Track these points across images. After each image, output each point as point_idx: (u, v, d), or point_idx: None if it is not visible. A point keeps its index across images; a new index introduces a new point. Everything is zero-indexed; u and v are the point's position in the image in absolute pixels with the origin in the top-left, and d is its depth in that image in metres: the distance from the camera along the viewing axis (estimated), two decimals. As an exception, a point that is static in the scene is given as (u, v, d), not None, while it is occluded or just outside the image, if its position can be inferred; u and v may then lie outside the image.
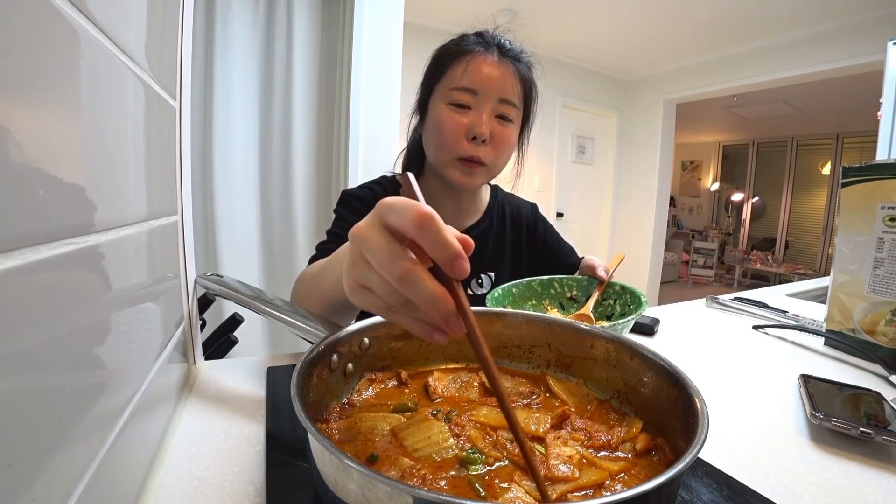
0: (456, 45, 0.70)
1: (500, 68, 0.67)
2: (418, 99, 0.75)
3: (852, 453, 0.43)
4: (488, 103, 0.67)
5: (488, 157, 0.69)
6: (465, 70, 0.66)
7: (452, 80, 0.67)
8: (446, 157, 0.69)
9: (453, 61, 0.68)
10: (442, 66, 0.69)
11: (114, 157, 0.28)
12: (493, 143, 0.69)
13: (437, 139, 0.69)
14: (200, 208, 1.80)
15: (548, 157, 4.04)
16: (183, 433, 0.41)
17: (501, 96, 0.67)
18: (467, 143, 0.68)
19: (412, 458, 0.31)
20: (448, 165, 0.70)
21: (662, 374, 0.36)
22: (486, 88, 0.66)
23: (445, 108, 0.68)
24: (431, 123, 0.70)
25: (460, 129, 0.67)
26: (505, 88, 0.67)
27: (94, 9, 0.24)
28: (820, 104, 4.92)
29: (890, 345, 0.67)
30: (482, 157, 0.68)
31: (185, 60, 0.49)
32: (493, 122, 0.68)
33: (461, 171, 0.70)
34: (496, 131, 0.68)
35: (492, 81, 0.66)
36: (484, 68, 0.66)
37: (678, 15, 3.03)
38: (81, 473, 0.22)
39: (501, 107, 0.68)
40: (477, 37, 0.70)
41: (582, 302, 0.75)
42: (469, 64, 0.66)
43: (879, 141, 1.98)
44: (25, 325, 0.17)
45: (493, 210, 0.86)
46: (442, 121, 0.68)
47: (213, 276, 0.54)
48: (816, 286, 1.39)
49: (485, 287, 0.81)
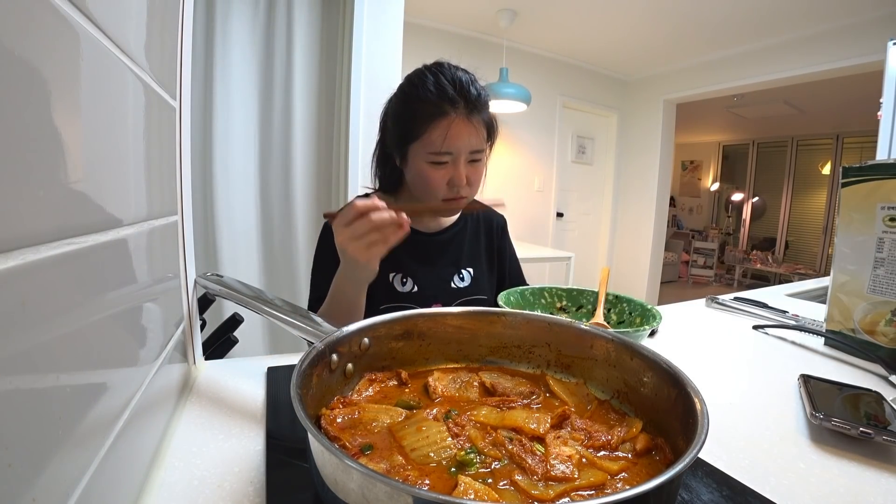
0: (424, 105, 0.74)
1: (469, 126, 0.74)
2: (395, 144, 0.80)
3: (852, 453, 0.43)
4: (462, 158, 0.75)
5: (467, 192, 0.79)
6: (443, 137, 0.73)
7: (429, 145, 0.74)
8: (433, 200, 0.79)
9: (428, 125, 0.73)
10: (416, 128, 0.75)
11: (114, 157, 0.28)
12: (470, 182, 0.78)
13: (423, 189, 0.78)
14: (200, 208, 1.80)
15: (548, 157, 4.04)
16: (183, 433, 0.41)
17: (473, 148, 0.76)
18: (448, 190, 0.76)
19: (408, 458, 0.31)
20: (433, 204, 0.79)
21: (662, 374, 0.36)
22: (462, 149, 0.74)
23: (426, 165, 0.75)
24: (414, 175, 0.78)
25: (442, 181, 0.76)
26: (475, 140, 0.75)
27: (94, 9, 0.24)
28: (820, 104, 4.92)
29: (890, 345, 0.67)
30: (462, 193, 0.78)
31: (185, 60, 0.49)
32: (467, 168, 0.76)
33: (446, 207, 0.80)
34: (471, 174, 0.77)
35: (464, 141, 0.74)
36: (456, 131, 0.73)
37: (678, 15, 3.03)
38: (81, 473, 0.22)
39: (472, 155, 0.77)
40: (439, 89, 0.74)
41: (571, 311, 0.76)
42: (447, 131, 0.73)
43: (879, 141, 1.98)
44: (25, 325, 0.17)
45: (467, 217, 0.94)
46: (425, 177, 0.76)
47: (213, 276, 0.54)
48: (816, 286, 1.39)
49: (465, 281, 0.87)
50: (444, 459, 0.31)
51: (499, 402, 0.40)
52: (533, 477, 0.30)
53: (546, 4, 2.98)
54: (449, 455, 0.32)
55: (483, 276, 0.89)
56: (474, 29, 3.35)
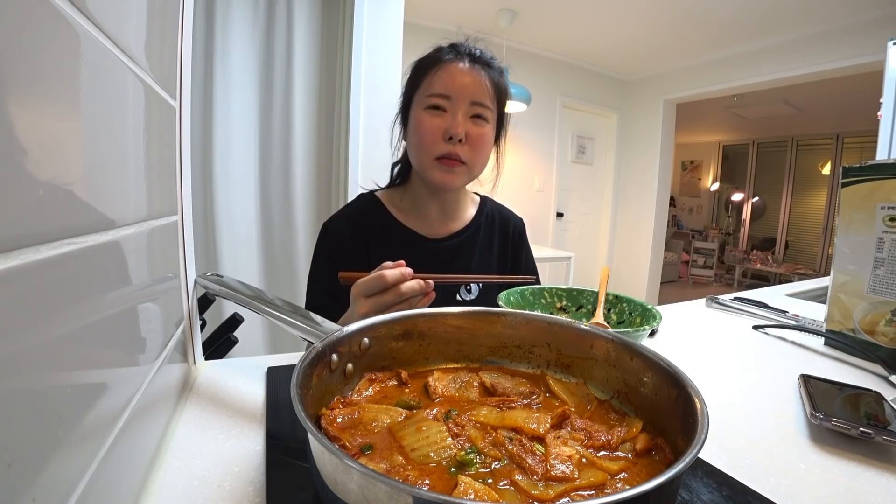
0: (430, 57, 0.75)
1: (472, 73, 0.72)
2: (400, 108, 0.80)
3: (852, 453, 0.43)
4: (461, 105, 0.72)
5: (466, 155, 0.73)
6: (442, 78, 0.71)
7: (428, 87, 0.72)
8: (426, 158, 0.74)
9: (428, 70, 0.73)
10: (418, 77, 0.75)
11: (114, 158, 0.28)
12: (470, 142, 0.73)
13: (417, 141, 0.74)
14: (200, 208, 1.80)
15: (548, 157, 4.04)
16: (183, 433, 0.41)
17: (473, 98, 0.72)
18: (444, 142, 0.72)
19: (408, 458, 0.31)
20: (429, 167, 0.75)
21: (662, 374, 0.36)
22: (459, 92, 0.71)
23: (423, 112, 0.73)
24: (411, 128, 0.75)
25: (437, 130, 0.72)
26: (476, 91, 0.72)
27: (94, 9, 0.24)
28: (820, 104, 4.92)
29: (890, 345, 0.67)
30: (460, 154, 0.73)
31: (185, 60, 0.49)
32: (467, 122, 0.72)
33: (441, 170, 0.74)
34: (471, 131, 0.73)
35: (464, 86, 0.71)
36: (456, 74, 0.72)
37: (678, 15, 3.03)
38: (81, 473, 0.22)
39: (474, 108, 0.73)
40: (450, 48, 0.75)
41: (571, 311, 0.76)
42: (445, 71, 0.72)
43: (879, 141, 1.98)
44: (25, 325, 0.17)
45: (480, 218, 0.88)
46: (420, 124, 0.73)
47: (213, 276, 0.54)
48: (816, 286, 1.39)
49: (472, 294, 0.83)
50: (444, 459, 0.31)
51: (499, 402, 0.40)
52: (533, 477, 0.30)
53: (546, 4, 2.99)
54: (449, 455, 0.32)
55: (493, 289, 0.80)
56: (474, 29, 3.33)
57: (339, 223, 0.81)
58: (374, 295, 0.56)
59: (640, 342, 0.42)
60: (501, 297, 0.70)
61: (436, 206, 0.82)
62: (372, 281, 0.56)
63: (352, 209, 0.84)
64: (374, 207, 0.83)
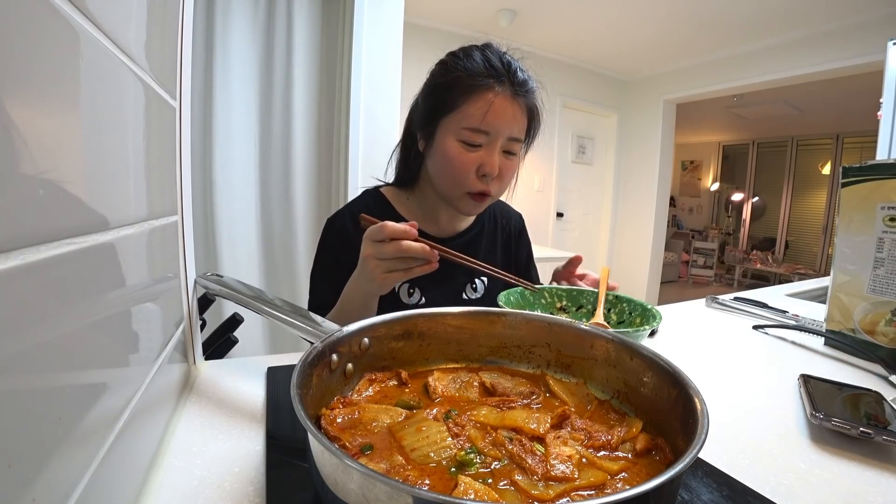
0: (469, 75, 0.66)
1: (513, 108, 0.67)
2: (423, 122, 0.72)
3: (852, 453, 0.43)
4: (498, 142, 0.68)
5: (495, 188, 0.71)
6: (482, 111, 0.65)
7: (466, 118, 0.66)
8: (456, 191, 0.71)
9: (467, 97, 0.66)
10: (453, 99, 0.67)
11: (114, 157, 0.28)
12: (500, 175, 0.70)
13: (448, 173, 0.70)
14: (200, 208, 1.80)
15: (548, 157, 4.04)
16: (183, 433, 0.41)
17: (510, 135, 0.68)
18: (476, 178, 0.69)
19: (408, 458, 0.31)
20: (457, 198, 0.72)
21: (662, 374, 0.36)
22: (499, 129, 0.67)
23: (456, 144, 0.68)
24: (441, 156, 0.70)
25: (471, 167, 0.68)
26: (514, 127, 0.68)
27: (94, 9, 0.24)
28: (820, 104, 4.92)
29: (890, 345, 0.67)
30: (491, 189, 0.70)
31: (185, 60, 0.49)
32: (500, 157, 0.69)
33: (469, 204, 0.72)
34: (503, 166, 0.69)
35: (505, 122, 0.67)
36: (498, 109, 0.66)
37: (678, 15, 3.03)
38: (81, 474, 0.22)
39: (509, 144, 0.69)
40: (486, 63, 0.67)
41: (572, 311, 0.76)
42: (488, 106, 0.65)
43: (879, 141, 1.98)
44: (25, 325, 0.17)
45: (484, 216, 0.87)
46: (453, 157, 0.68)
47: (213, 276, 0.54)
48: (816, 286, 1.39)
49: (478, 292, 0.82)
50: (444, 459, 0.31)
51: (499, 402, 0.40)
52: (533, 477, 0.30)
53: (546, 4, 2.99)
54: (449, 455, 0.32)
55: (498, 286, 0.79)
56: (474, 29, 3.34)
57: (343, 219, 0.79)
58: (377, 241, 0.56)
59: (640, 342, 0.42)
60: (501, 297, 0.70)
61: (445, 212, 0.81)
62: (376, 228, 0.56)
63: (357, 205, 0.81)
64: (379, 204, 0.81)
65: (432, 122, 0.70)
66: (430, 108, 0.71)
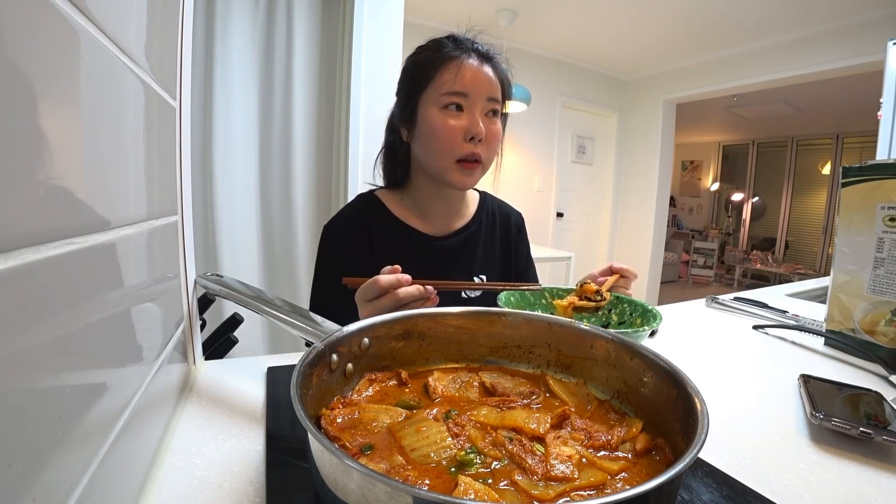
0: (437, 52, 0.72)
1: (484, 70, 0.71)
2: (402, 109, 0.76)
3: (852, 453, 0.43)
4: (478, 104, 0.70)
5: (483, 153, 0.72)
6: (456, 75, 0.69)
7: (442, 85, 0.70)
8: (446, 161, 0.72)
9: (438, 67, 0.70)
10: (426, 73, 0.71)
11: (114, 158, 0.28)
12: (486, 139, 0.72)
13: (436, 144, 0.71)
14: (200, 208, 1.80)
15: (548, 157, 4.04)
16: (183, 433, 0.41)
17: (489, 95, 0.71)
18: (465, 143, 0.71)
19: (408, 458, 0.31)
20: (448, 170, 0.73)
21: (662, 374, 0.36)
22: (476, 90, 0.70)
23: (438, 113, 0.70)
24: (426, 130, 0.72)
25: (458, 131, 0.70)
26: (490, 87, 0.71)
27: (94, 9, 0.24)
28: (820, 104, 4.92)
29: (890, 345, 0.67)
30: (479, 153, 0.72)
31: (185, 60, 0.49)
32: (484, 120, 0.71)
33: (461, 173, 0.73)
34: (488, 129, 0.72)
35: (479, 83, 0.70)
36: (472, 72, 0.70)
37: (678, 15, 3.03)
38: (81, 473, 0.22)
39: (490, 104, 0.72)
40: (453, 42, 0.73)
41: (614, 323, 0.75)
42: (459, 69, 0.69)
43: (879, 141, 1.98)
44: (25, 325, 0.17)
45: (482, 214, 0.87)
46: (438, 125, 0.70)
47: (213, 276, 0.54)
48: (816, 286, 1.39)
49: (477, 291, 0.82)
50: (444, 459, 0.31)
51: (499, 402, 0.40)
52: (533, 477, 0.30)
53: (546, 4, 2.99)
54: (449, 455, 0.32)
55: None
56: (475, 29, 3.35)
57: (340, 225, 0.80)
58: (373, 300, 0.55)
59: (641, 342, 0.42)
60: (501, 298, 0.70)
61: (440, 205, 0.81)
62: (368, 286, 0.55)
63: (352, 209, 0.82)
64: (374, 207, 0.81)
65: (411, 103, 0.74)
66: (407, 91, 0.75)
